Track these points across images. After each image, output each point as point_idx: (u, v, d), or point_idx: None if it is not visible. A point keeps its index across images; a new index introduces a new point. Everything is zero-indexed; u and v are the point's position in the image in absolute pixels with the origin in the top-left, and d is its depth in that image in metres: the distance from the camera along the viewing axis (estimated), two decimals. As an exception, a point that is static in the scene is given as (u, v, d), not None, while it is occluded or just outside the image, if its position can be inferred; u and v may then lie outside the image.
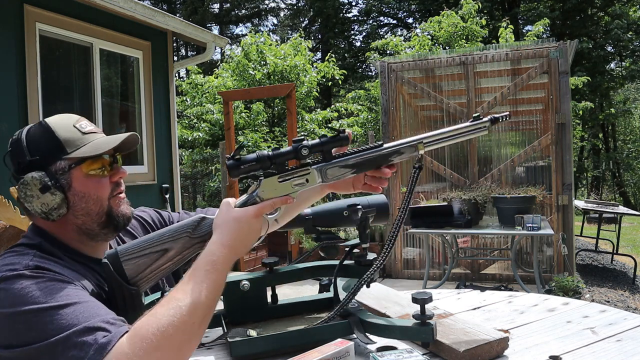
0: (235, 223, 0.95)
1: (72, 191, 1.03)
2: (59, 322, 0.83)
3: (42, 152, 1.02)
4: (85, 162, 1.04)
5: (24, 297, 0.86)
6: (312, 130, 9.70)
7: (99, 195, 1.06)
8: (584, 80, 10.42)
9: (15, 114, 4.12)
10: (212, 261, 0.90)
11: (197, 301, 0.85)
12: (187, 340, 0.83)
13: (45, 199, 1.00)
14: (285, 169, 1.02)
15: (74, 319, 0.83)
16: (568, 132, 5.16)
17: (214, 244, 0.93)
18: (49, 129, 1.04)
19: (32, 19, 4.26)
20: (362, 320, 1.14)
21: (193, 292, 0.86)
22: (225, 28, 23.84)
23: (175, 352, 0.82)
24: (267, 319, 1.26)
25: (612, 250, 6.76)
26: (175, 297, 0.86)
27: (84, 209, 1.04)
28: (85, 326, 0.82)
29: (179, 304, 0.84)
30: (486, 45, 7.94)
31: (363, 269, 1.22)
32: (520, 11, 17.10)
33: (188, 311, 0.84)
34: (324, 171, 1.02)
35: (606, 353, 1.09)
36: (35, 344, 0.81)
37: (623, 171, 17.49)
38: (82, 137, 1.06)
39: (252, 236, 0.97)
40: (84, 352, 0.79)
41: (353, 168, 1.04)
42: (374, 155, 1.04)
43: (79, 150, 1.04)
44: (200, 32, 5.94)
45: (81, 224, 1.05)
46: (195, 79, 10.47)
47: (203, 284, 0.87)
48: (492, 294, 1.59)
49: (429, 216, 4.61)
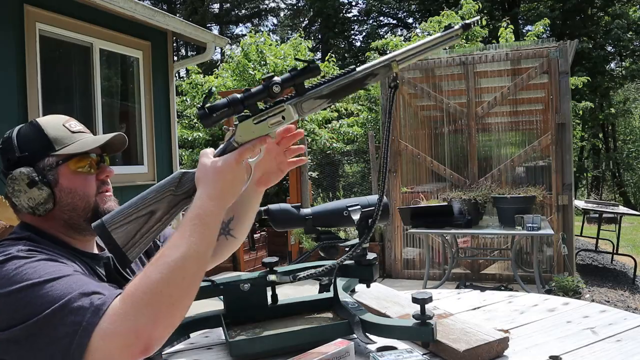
0: (217, 174, 0.92)
1: (59, 187, 1.06)
2: (54, 293, 0.85)
3: (31, 149, 1.06)
4: (72, 159, 1.08)
5: (18, 276, 0.88)
6: (312, 130, 9.70)
7: (85, 192, 1.09)
8: (584, 80, 10.42)
9: (15, 114, 4.12)
10: (198, 215, 0.89)
11: (186, 255, 0.85)
12: (179, 295, 0.83)
13: (33, 193, 1.04)
14: (259, 109, 0.98)
15: (67, 288, 0.85)
16: (568, 132, 5.16)
17: (199, 198, 0.91)
18: (39, 127, 1.08)
19: (32, 19, 4.26)
20: (362, 320, 1.14)
21: (181, 247, 0.85)
22: (225, 28, 23.84)
23: (167, 307, 0.82)
24: (267, 319, 1.26)
25: (612, 250, 6.76)
26: (164, 254, 0.85)
27: (70, 204, 1.07)
28: (79, 292, 0.84)
29: (167, 260, 0.84)
30: (486, 45, 7.94)
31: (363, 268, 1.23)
32: (520, 11, 17.10)
33: (177, 266, 0.83)
34: (299, 105, 0.97)
35: (606, 353, 1.09)
36: (33, 318, 0.83)
37: (623, 171, 17.48)
38: (71, 135, 1.10)
39: (237, 184, 0.95)
40: (81, 316, 0.81)
41: (328, 97, 0.99)
42: (348, 80, 0.98)
43: (67, 147, 1.08)
44: (200, 32, 5.94)
45: (68, 219, 1.08)
46: (195, 79, 10.47)
47: (191, 237, 0.86)
48: (492, 294, 1.59)
49: (429, 216, 4.61)
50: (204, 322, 1.27)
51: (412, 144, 5.77)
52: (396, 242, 5.78)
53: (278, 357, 1.10)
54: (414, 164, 5.87)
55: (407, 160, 5.84)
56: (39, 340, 0.83)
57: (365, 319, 1.14)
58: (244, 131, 0.97)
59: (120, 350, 0.80)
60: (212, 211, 0.90)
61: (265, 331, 1.17)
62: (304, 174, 5.88)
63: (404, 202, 5.64)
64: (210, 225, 0.89)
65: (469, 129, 5.50)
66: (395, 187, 5.73)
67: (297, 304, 1.31)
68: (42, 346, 0.82)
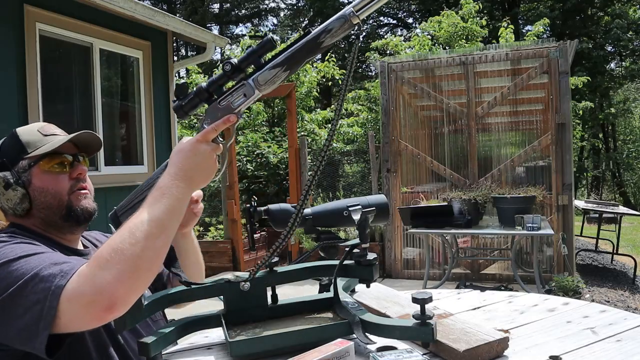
0: (181, 153, 0.95)
1: (32, 187, 1.14)
2: (27, 266, 0.90)
3: (7, 155, 1.15)
4: (43, 159, 1.15)
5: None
6: (312, 130, 9.71)
7: (57, 190, 1.15)
8: (584, 80, 10.42)
9: (15, 114, 4.12)
10: (160, 187, 0.92)
11: (149, 219, 0.88)
12: (141, 256, 0.85)
13: (9, 195, 1.12)
14: (224, 92, 1.00)
15: (40, 261, 0.90)
16: (568, 132, 5.16)
17: (164, 176, 0.94)
18: (15, 135, 1.17)
19: (32, 19, 4.26)
20: (362, 320, 1.14)
21: (143, 214, 0.89)
22: (225, 28, 23.85)
23: (130, 267, 0.84)
24: (267, 319, 1.26)
25: (612, 250, 6.76)
26: (127, 224, 0.89)
27: (44, 202, 1.14)
28: (50, 262, 0.89)
29: (129, 225, 0.88)
30: (486, 45, 7.94)
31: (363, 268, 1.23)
32: (520, 11, 17.10)
33: (138, 229, 0.87)
34: (256, 80, 0.97)
35: (606, 353, 1.09)
36: (7, 291, 0.87)
37: (623, 171, 17.48)
38: (43, 138, 1.17)
39: (203, 162, 0.96)
40: (50, 282, 0.85)
41: (284, 65, 0.96)
42: (302, 43, 0.96)
43: (38, 149, 1.15)
44: (200, 32, 5.94)
45: (45, 217, 1.15)
46: (195, 79, 10.47)
47: (153, 206, 0.90)
48: (492, 294, 1.59)
49: (429, 216, 4.60)
50: (204, 322, 1.27)
51: (412, 144, 5.77)
52: (396, 242, 5.78)
53: (278, 357, 1.10)
54: (414, 164, 5.87)
55: (407, 160, 5.84)
56: (14, 310, 0.86)
57: (365, 319, 1.14)
58: (211, 114, 0.99)
59: (85, 308, 0.83)
60: (178, 187, 0.93)
61: (265, 331, 1.17)
62: (304, 174, 5.88)
63: (404, 202, 5.64)
64: (175, 196, 0.91)
65: (469, 129, 5.51)
66: (395, 187, 5.73)
67: (297, 304, 1.31)
68: (18, 316, 0.86)
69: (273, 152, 8.24)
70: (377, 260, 1.25)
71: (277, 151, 8.33)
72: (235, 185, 6.13)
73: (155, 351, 1.10)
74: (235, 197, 6.11)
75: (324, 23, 0.95)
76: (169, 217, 0.91)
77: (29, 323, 0.85)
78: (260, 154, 8.22)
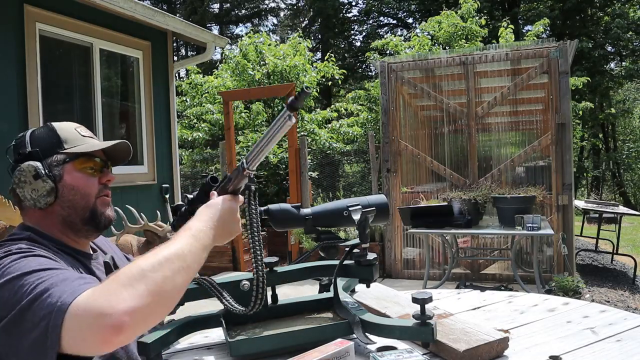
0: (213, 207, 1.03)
1: (63, 182, 1.13)
2: (39, 281, 0.87)
3: (41, 145, 1.13)
4: (79, 158, 1.15)
5: (10, 268, 0.91)
6: (312, 130, 9.71)
7: (87, 192, 1.15)
8: (583, 80, 10.42)
9: (15, 114, 4.12)
10: (189, 227, 0.96)
11: (174, 253, 0.88)
12: (161, 285, 0.83)
13: (37, 185, 1.10)
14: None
15: (53, 277, 0.88)
16: (568, 132, 5.16)
17: (191, 221, 0.99)
18: (52, 128, 1.17)
19: (32, 19, 4.26)
20: (362, 320, 1.14)
21: (170, 247, 0.89)
22: (225, 28, 23.85)
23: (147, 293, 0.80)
24: (267, 319, 1.26)
25: (612, 250, 6.76)
26: (154, 250, 0.89)
27: (71, 201, 1.14)
28: (62, 278, 0.87)
29: (156, 252, 0.87)
30: (486, 45, 7.94)
31: (363, 268, 1.23)
32: (520, 11, 17.10)
33: (164, 259, 0.86)
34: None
35: (606, 353, 1.09)
36: (18, 306, 0.85)
37: (623, 171, 17.47)
38: (80, 138, 1.18)
39: (226, 216, 1.03)
40: (57, 298, 0.82)
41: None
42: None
43: (76, 147, 1.16)
44: (200, 32, 5.94)
45: (66, 216, 1.14)
46: (195, 79, 10.47)
47: (181, 242, 0.91)
48: (492, 294, 1.59)
49: (429, 216, 4.60)
50: (204, 322, 1.27)
51: (412, 144, 5.77)
52: (396, 242, 5.78)
53: (278, 357, 1.10)
54: (414, 164, 5.87)
55: (407, 160, 5.84)
56: (24, 325, 0.84)
57: (365, 319, 1.14)
58: None
59: (92, 323, 0.77)
60: (203, 229, 0.97)
61: (265, 331, 1.17)
62: (304, 174, 5.88)
63: (404, 202, 5.64)
64: (200, 239, 0.95)
65: (469, 129, 5.50)
66: (395, 187, 5.72)
67: (297, 304, 1.31)
68: (26, 331, 0.83)
69: (273, 152, 8.24)
70: (377, 260, 1.25)
71: (277, 151, 8.33)
72: (235, 185, 6.11)
73: (155, 351, 1.10)
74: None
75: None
76: (193, 258, 0.91)
77: (37, 340, 0.81)
78: (260, 153, 8.19)
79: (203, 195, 1.10)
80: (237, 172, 1.06)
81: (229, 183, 1.07)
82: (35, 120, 4.19)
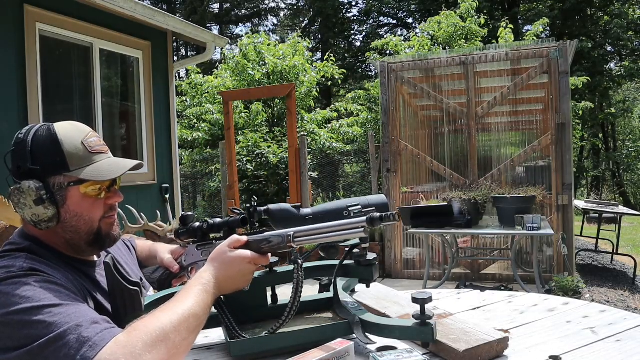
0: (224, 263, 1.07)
1: (66, 208, 1.04)
2: (50, 320, 0.83)
3: (43, 163, 1.02)
4: (84, 182, 1.05)
5: (18, 298, 0.87)
6: (312, 130, 9.71)
7: (91, 217, 1.07)
8: (583, 80, 10.42)
9: (15, 113, 4.12)
10: (203, 283, 1.00)
11: (191, 311, 0.92)
12: (180, 345, 0.87)
13: (38, 210, 1.01)
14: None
15: (65, 317, 0.84)
16: (568, 132, 5.16)
17: (208, 271, 1.03)
18: (56, 140, 1.03)
19: (32, 19, 4.26)
20: (362, 320, 1.14)
21: (187, 303, 0.93)
22: (225, 28, 23.84)
23: (169, 354, 0.84)
24: (267, 319, 1.26)
25: (612, 250, 6.76)
26: (172, 305, 0.92)
27: (74, 227, 1.06)
28: (75, 324, 0.83)
29: (176, 310, 0.90)
30: (486, 45, 7.94)
31: (363, 268, 1.23)
32: (519, 11, 17.09)
33: (183, 317, 0.89)
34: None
35: (606, 353, 1.09)
36: (28, 345, 0.81)
37: (623, 171, 17.48)
38: (88, 155, 1.06)
39: (236, 273, 1.07)
40: (75, 350, 0.80)
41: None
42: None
43: (81, 170, 1.04)
44: (200, 32, 5.94)
45: (69, 239, 1.07)
46: (195, 79, 10.47)
47: (196, 298, 0.95)
48: (492, 294, 1.59)
49: (429, 216, 4.60)
50: (204, 322, 1.26)
51: (412, 144, 5.77)
52: (396, 242, 5.78)
53: (278, 357, 1.10)
54: (414, 164, 5.87)
55: (407, 160, 5.84)
56: None
57: (365, 319, 1.14)
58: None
59: None
60: (213, 284, 1.01)
61: (265, 331, 1.17)
62: (304, 174, 5.88)
63: (404, 202, 5.64)
64: (211, 294, 1.00)
65: (469, 129, 5.50)
66: (395, 187, 5.73)
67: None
68: None
69: (273, 152, 8.24)
70: (377, 260, 1.25)
71: (277, 151, 8.33)
72: (235, 185, 6.12)
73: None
74: (236, 197, 6.11)
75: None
76: (206, 312, 0.96)
77: None
78: (260, 154, 8.22)
79: (228, 231, 1.16)
80: (280, 238, 1.09)
81: (266, 243, 1.10)
82: (35, 120, 4.19)
